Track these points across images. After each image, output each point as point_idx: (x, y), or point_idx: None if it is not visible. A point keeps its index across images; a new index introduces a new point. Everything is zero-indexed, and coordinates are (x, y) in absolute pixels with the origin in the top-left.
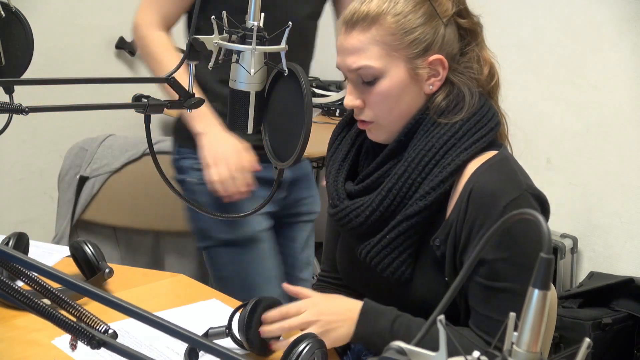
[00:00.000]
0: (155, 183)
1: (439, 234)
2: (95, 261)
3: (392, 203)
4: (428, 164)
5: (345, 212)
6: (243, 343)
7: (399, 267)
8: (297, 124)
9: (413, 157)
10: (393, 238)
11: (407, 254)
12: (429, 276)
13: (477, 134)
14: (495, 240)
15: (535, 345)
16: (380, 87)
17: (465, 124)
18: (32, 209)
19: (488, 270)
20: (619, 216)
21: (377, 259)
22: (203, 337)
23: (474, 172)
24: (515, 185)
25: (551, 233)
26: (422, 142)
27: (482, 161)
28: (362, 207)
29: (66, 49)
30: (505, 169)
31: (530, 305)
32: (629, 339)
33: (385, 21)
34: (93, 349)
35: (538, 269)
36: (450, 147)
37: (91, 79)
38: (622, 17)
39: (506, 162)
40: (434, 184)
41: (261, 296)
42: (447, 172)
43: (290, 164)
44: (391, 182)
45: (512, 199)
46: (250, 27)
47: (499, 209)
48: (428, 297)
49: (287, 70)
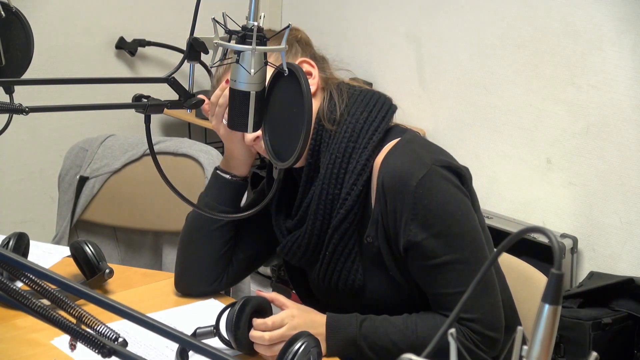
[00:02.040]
0: (155, 183)
1: (369, 232)
2: (95, 261)
3: (322, 224)
4: (338, 174)
5: (287, 247)
6: (231, 343)
7: (348, 276)
8: (297, 124)
9: (323, 174)
10: (332, 252)
11: (350, 261)
12: (377, 276)
13: (371, 129)
14: (418, 222)
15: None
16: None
17: (355, 125)
18: (32, 209)
19: (423, 250)
20: (619, 216)
21: (327, 276)
22: (192, 337)
23: (381, 163)
24: (420, 163)
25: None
26: (326, 157)
27: (386, 152)
28: (300, 239)
29: (66, 49)
30: (407, 151)
31: (541, 320)
32: (629, 339)
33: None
34: (104, 358)
35: (549, 284)
36: (351, 151)
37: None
38: (622, 16)
39: (408, 144)
40: (347, 188)
41: (249, 296)
42: (356, 173)
43: (290, 164)
44: (314, 205)
45: (420, 176)
46: (250, 27)
47: (410, 190)
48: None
49: (287, 70)
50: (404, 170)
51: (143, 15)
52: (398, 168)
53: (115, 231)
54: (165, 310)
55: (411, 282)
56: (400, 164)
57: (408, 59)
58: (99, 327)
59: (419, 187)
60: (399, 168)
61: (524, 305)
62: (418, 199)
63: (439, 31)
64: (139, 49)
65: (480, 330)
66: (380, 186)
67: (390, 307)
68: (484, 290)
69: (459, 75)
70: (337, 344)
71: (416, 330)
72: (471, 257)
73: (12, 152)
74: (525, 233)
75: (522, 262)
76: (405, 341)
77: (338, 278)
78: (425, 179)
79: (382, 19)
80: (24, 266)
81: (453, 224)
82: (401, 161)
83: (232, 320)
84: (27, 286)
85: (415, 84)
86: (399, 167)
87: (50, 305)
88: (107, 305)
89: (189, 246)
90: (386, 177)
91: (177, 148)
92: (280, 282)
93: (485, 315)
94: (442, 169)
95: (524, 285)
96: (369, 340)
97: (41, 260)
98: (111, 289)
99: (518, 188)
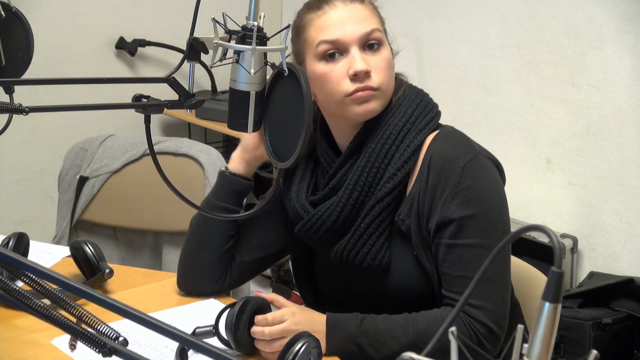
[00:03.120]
0: (155, 183)
1: (402, 209)
2: (95, 261)
3: (360, 194)
4: (389, 150)
5: (315, 219)
6: (230, 343)
7: (378, 252)
8: (297, 124)
9: (373, 147)
10: (368, 224)
11: (383, 238)
12: (403, 256)
13: (427, 117)
14: (458, 200)
15: (545, 358)
16: (384, 53)
17: (415, 109)
18: (32, 209)
19: (455, 229)
20: (619, 216)
21: (355, 250)
22: (192, 336)
23: (429, 144)
24: (469, 148)
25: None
26: (380, 132)
27: (434, 135)
28: (332, 207)
29: (66, 49)
30: (458, 136)
31: (541, 318)
32: (629, 339)
33: (373, 6)
34: (105, 357)
35: (549, 283)
36: (407, 131)
37: (91, 79)
38: (622, 17)
39: (457, 131)
40: (398, 165)
41: (249, 297)
42: (409, 152)
43: (290, 164)
44: (356, 175)
45: (468, 160)
46: (250, 27)
47: (457, 170)
48: (404, 283)
49: (287, 70)
50: (454, 151)
51: (143, 15)
52: (448, 149)
53: (115, 231)
54: (165, 310)
55: (433, 267)
56: (450, 146)
57: (408, 59)
58: (100, 326)
59: (465, 168)
60: (449, 149)
61: (524, 305)
62: (463, 179)
63: (439, 31)
64: (139, 49)
65: (484, 321)
66: (427, 164)
67: (409, 294)
68: (497, 283)
69: (459, 75)
70: (337, 342)
71: (417, 326)
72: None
73: (12, 152)
74: (526, 231)
75: (522, 262)
76: (406, 336)
77: (367, 253)
78: (472, 162)
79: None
80: (24, 265)
81: (490, 210)
82: (451, 143)
83: (231, 321)
84: (27, 286)
85: (415, 84)
86: (449, 148)
87: (51, 305)
88: (108, 305)
89: (191, 242)
90: (435, 156)
91: (177, 148)
92: (280, 282)
93: (494, 307)
94: (487, 160)
95: (524, 285)
96: (369, 336)
97: (41, 260)
98: (111, 289)
99: (518, 188)
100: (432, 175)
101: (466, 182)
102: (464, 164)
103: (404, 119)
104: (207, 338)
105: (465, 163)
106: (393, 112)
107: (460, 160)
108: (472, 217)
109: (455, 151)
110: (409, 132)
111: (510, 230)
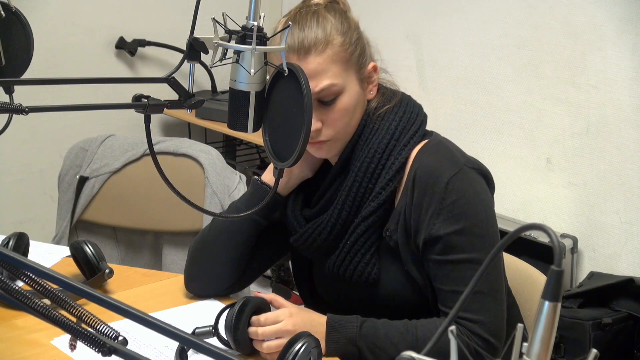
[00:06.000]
0: (155, 183)
1: (390, 225)
2: (95, 261)
3: (349, 213)
4: (375, 170)
5: (307, 234)
6: (230, 343)
7: (364, 268)
8: (297, 124)
9: (358, 166)
10: (354, 242)
11: (369, 254)
12: (392, 271)
13: (411, 130)
14: (444, 217)
15: (545, 356)
16: (341, 103)
17: (399, 124)
18: (32, 209)
19: (443, 245)
20: (619, 216)
21: (343, 266)
22: (192, 336)
23: (414, 158)
24: (453, 162)
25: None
26: (364, 151)
27: (418, 149)
28: (322, 225)
29: (66, 49)
30: (442, 150)
31: (541, 317)
32: (629, 339)
33: (335, 41)
34: (104, 357)
35: (549, 281)
36: (392, 148)
37: (91, 79)
38: (622, 17)
39: (441, 144)
40: (383, 183)
41: (248, 297)
42: (394, 169)
43: (290, 164)
44: (344, 195)
45: (452, 174)
46: (250, 27)
47: (441, 186)
48: (396, 295)
49: (287, 70)
50: (437, 166)
51: (143, 15)
52: (432, 164)
53: (115, 231)
54: (165, 310)
55: (425, 279)
56: (434, 161)
57: (408, 59)
58: (100, 326)
59: (449, 183)
60: (433, 164)
61: (524, 305)
62: (447, 195)
63: (439, 31)
64: (139, 49)
65: (480, 334)
66: (411, 180)
67: (402, 304)
68: (491, 295)
69: (459, 75)
70: (336, 343)
71: (416, 333)
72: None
73: (12, 152)
74: (526, 230)
75: (522, 262)
76: (404, 343)
77: (355, 269)
78: (456, 177)
79: (382, 19)
80: (24, 265)
81: (476, 224)
82: (435, 158)
83: (231, 321)
84: (27, 286)
85: (415, 84)
86: (433, 164)
87: (51, 305)
88: (108, 304)
89: (211, 246)
90: (419, 172)
91: (177, 148)
92: (280, 282)
93: (489, 320)
94: (473, 171)
95: (524, 285)
96: (368, 340)
97: (41, 260)
98: (111, 289)
99: (518, 188)
100: (417, 191)
101: (450, 198)
102: (448, 179)
103: (388, 136)
104: (207, 338)
105: (449, 178)
106: (376, 128)
107: (444, 175)
108: (459, 233)
109: (438, 166)
110: (394, 148)
111: (499, 240)
